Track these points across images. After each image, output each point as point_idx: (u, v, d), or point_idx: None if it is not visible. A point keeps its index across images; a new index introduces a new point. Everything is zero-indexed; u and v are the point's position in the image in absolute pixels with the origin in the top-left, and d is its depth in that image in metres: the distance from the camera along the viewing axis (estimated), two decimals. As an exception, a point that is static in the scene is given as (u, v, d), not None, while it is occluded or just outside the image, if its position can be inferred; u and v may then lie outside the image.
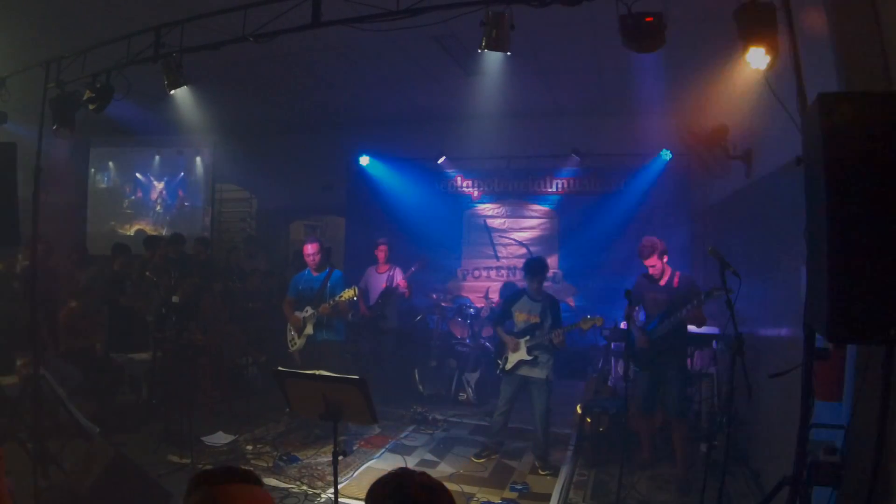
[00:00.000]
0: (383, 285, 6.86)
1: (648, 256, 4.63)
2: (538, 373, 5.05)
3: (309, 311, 5.41)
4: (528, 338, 5.07)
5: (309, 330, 5.40)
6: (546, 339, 4.97)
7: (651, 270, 4.68)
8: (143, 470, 4.13)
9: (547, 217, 8.52)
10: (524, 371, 5.09)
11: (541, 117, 8.23)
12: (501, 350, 5.28)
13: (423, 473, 1.50)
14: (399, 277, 6.88)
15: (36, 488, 3.87)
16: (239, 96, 7.50)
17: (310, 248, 5.53)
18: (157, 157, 9.70)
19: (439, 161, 8.59)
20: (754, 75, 3.82)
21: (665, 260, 4.69)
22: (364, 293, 7.25)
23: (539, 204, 8.54)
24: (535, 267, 5.18)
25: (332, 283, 5.43)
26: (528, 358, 5.03)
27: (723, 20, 3.26)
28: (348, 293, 5.27)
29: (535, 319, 5.09)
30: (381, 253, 6.99)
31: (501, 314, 5.42)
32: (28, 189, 4.48)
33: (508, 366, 5.13)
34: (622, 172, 8.08)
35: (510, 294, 5.59)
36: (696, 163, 6.36)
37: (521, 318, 5.18)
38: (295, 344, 5.52)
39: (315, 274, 5.53)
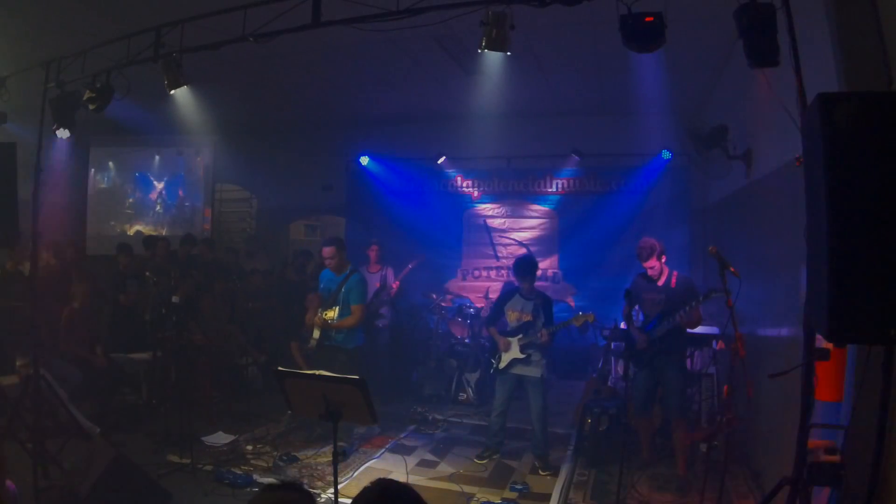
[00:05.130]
0: (377, 285, 6.87)
1: (647, 258, 4.63)
2: (532, 371, 5.05)
3: (320, 313, 5.39)
4: (520, 336, 5.07)
5: (316, 334, 5.38)
6: (536, 337, 4.98)
7: (650, 272, 4.69)
8: (143, 470, 4.13)
9: (547, 217, 8.53)
10: (518, 370, 5.10)
11: (541, 117, 8.23)
12: (495, 349, 5.29)
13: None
14: (391, 277, 6.90)
15: (36, 488, 3.88)
16: (239, 96, 7.50)
17: (325, 252, 5.42)
18: (157, 157, 9.71)
19: (439, 161, 8.59)
20: (754, 75, 3.83)
21: (663, 260, 4.69)
22: None
23: (539, 204, 8.55)
24: (524, 267, 5.16)
25: (346, 287, 5.32)
26: (522, 356, 5.04)
27: (723, 20, 3.27)
28: (329, 313, 5.26)
29: (528, 318, 5.08)
30: (373, 253, 7.04)
31: (494, 314, 5.40)
32: (28, 189, 4.48)
33: (502, 365, 5.13)
34: (622, 172, 8.08)
35: (503, 292, 5.57)
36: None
37: (513, 315, 5.17)
38: (312, 342, 5.46)
39: (337, 275, 5.42)
